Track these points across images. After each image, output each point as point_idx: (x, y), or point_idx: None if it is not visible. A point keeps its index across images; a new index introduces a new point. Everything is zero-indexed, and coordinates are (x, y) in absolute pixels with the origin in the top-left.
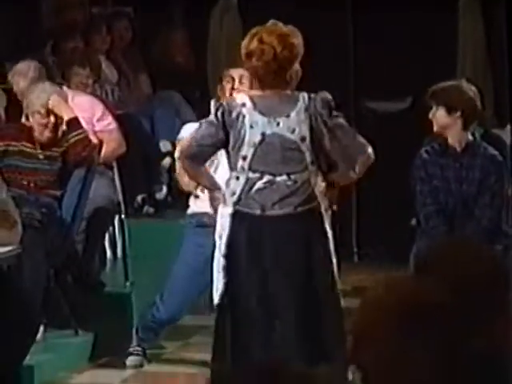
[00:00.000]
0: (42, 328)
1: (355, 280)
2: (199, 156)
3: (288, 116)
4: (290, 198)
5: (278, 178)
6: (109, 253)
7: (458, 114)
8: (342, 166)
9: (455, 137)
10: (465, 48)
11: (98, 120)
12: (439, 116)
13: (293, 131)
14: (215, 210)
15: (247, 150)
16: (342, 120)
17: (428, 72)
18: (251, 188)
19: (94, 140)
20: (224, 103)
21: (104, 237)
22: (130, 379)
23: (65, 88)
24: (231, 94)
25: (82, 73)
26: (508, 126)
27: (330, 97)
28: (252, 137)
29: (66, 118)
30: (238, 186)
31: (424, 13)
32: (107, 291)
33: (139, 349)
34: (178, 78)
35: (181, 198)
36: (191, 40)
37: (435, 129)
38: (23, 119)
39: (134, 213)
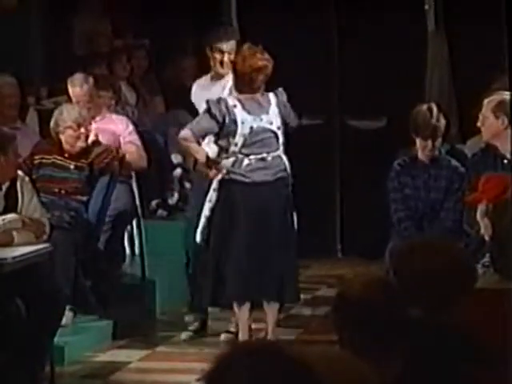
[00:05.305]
0: (71, 313)
1: (339, 273)
2: (192, 138)
3: (267, 113)
4: (269, 169)
5: (259, 156)
6: (128, 250)
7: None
8: None
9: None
10: (432, 73)
11: (130, 133)
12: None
13: (271, 123)
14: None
15: (238, 139)
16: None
17: (399, 97)
18: (240, 164)
19: (120, 150)
20: (219, 105)
21: (124, 236)
22: (145, 358)
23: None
24: (221, 65)
25: (106, 95)
26: (468, 142)
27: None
28: (243, 130)
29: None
30: (228, 163)
31: (394, 51)
32: (126, 283)
33: None
34: (188, 98)
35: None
36: (199, 66)
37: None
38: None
39: (149, 215)
